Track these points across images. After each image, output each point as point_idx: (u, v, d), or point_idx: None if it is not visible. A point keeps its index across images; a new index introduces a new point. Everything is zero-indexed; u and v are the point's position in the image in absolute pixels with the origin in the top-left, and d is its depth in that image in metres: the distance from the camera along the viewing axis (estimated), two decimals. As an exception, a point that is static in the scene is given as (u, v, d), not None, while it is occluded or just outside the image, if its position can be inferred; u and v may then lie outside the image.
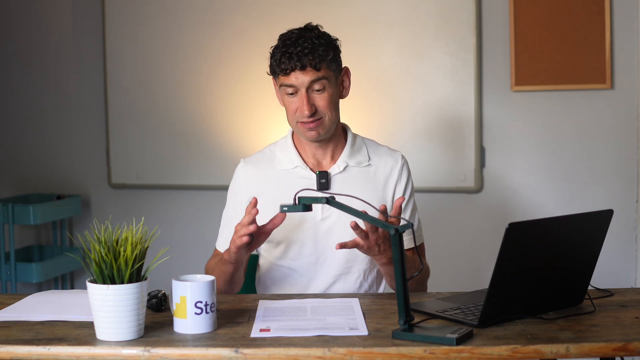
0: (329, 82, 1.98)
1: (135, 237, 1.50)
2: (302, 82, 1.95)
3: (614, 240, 3.24)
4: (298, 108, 1.97)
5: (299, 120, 1.99)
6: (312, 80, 1.95)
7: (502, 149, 3.42)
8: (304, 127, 1.99)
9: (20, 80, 3.88)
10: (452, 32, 3.38)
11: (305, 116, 1.96)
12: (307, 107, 1.95)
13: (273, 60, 1.99)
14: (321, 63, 1.95)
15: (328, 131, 2.02)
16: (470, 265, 3.45)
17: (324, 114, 1.98)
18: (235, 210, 2.08)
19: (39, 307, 1.73)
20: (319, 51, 1.95)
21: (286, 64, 1.94)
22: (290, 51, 1.94)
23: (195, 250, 3.61)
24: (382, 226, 1.60)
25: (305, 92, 1.95)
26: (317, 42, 1.96)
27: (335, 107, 2.01)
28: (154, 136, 3.69)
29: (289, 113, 2.01)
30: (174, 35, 3.64)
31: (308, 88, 1.95)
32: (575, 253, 1.67)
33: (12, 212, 3.49)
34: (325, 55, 1.96)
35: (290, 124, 2.04)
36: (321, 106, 1.97)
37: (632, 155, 3.32)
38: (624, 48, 3.27)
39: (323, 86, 1.96)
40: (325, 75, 1.96)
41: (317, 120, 1.97)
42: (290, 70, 1.94)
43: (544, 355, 1.43)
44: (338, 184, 2.05)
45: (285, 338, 1.49)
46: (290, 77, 1.95)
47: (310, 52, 1.93)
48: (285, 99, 2.01)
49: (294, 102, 1.98)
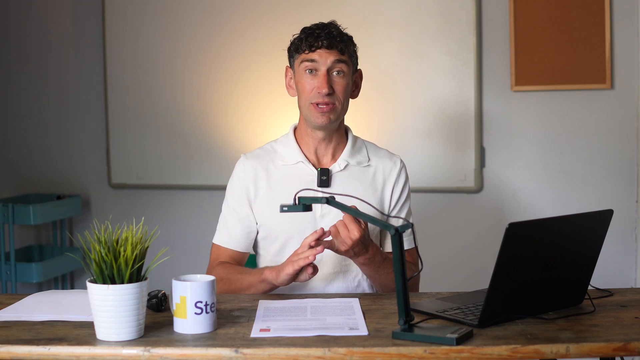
0: (349, 70, 2.02)
1: (135, 237, 1.50)
2: (325, 60, 1.98)
3: (614, 240, 3.24)
4: (315, 87, 1.99)
5: (314, 102, 2.00)
6: (335, 60, 1.98)
7: (502, 148, 3.42)
8: (317, 110, 2.00)
9: (20, 81, 3.88)
10: (452, 32, 3.38)
11: (323, 94, 1.97)
12: (326, 85, 1.97)
13: (297, 40, 2.04)
14: (346, 49, 2.01)
15: (337, 119, 2.03)
16: (470, 265, 3.45)
17: (338, 99, 2.00)
18: (234, 205, 2.08)
19: (39, 307, 1.73)
20: (345, 38, 2.02)
21: (313, 41, 1.99)
22: (318, 32, 2.00)
23: (195, 250, 3.61)
24: (382, 226, 1.60)
25: (326, 72, 1.98)
26: (344, 32, 2.04)
27: (347, 98, 2.04)
28: (154, 136, 3.69)
29: (304, 93, 2.02)
30: (174, 35, 3.64)
31: (329, 69, 1.99)
32: (575, 253, 1.67)
33: (12, 212, 3.49)
34: (350, 45, 2.03)
35: (302, 107, 2.04)
36: (338, 90, 2.00)
37: (632, 155, 3.32)
38: (624, 48, 3.27)
39: (343, 71, 2.00)
40: (347, 60, 2.01)
41: (331, 104, 1.99)
42: (317, 47, 1.99)
43: (544, 355, 1.43)
44: (338, 181, 2.05)
45: (285, 338, 1.49)
46: (315, 54, 1.99)
47: (338, 35, 2.00)
48: (303, 78, 2.02)
49: (312, 82, 2.00)
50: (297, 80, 2.05)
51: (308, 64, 2.00)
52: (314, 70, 2.00)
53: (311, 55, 1.99)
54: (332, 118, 2.01)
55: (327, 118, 2.00)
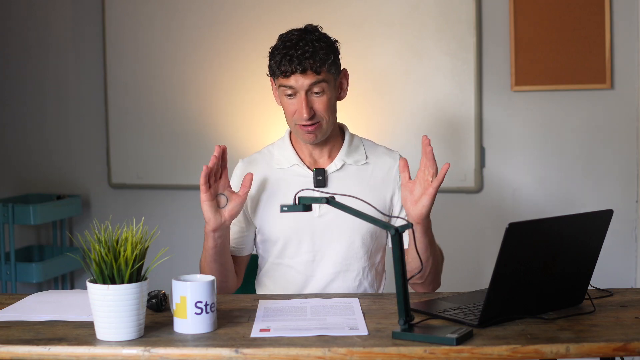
0: (328, 85, 1.97)
1: (135, 237, 1.50)
2: (301, 85, 1.94)
3: (614, 240, 3.23)
4: (297, 110, 1.97)
5: (297, 123, 1.99)
6: (312, 83, 1.94)
7: (502, 149, 3.42)
8: (302, 129, 1.99)
9: (20, 80, 3.88)
10: (452, 32, 3.38)
11: (304, 119, 1.96)
12: (306, 110, 1.94)
13: (273, 62, 1.98)
14: (322, 67, 1.94)
15: (325, 134, 2.02)
16: (470, 265, 3.45)
17: (322, 118, 1.98)
18: None
19: (39, 307, 1.73)
20: (320, 55, 1.94)
21: (286, 67, 1.93)
22: (291, 54, 1.93)
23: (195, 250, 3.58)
24: (382, 226, 1.60)
25: (305, 95, 1.95)
26: (318, 45, 1.94)
27: (332, 110, 2.01)
28: (154, 136, 3.69)
29: (287, 115, 2.01)
30: (174, 35, 3.64)
31: (307, 91, 1.95)
32: (575, 253, 1.67)
33: (12, 212, 3.49)
34: (325, 59, 1.95)
35: (289, 125, 2.05)
36: (320, 110, 1.97)
37: (632, 155, 3.32)
38: (624, 48, 3.27)
39: (322, 89, 1.96)
40: (325, 78, 1.96)
41: (315, 123, 1.97)
42: (291, 73, 1.93)
43: (544, 355, 1.43)
44: (335, 181, 2.05)
45: (285, 338, 1.49)
46: (290, 80, 1.95)
47: (311, 56, 1.93)
48: (283, 100, 2.00)
49: (293, 105, 1.98)
50: (279, 99, 2.03)
51: (286, 89, 1.97)
52: (292, 94, 1.97)
53: (287, 81, 1.95)
54: (319, 135, 2.00)
55: (313, 136, 1.99)
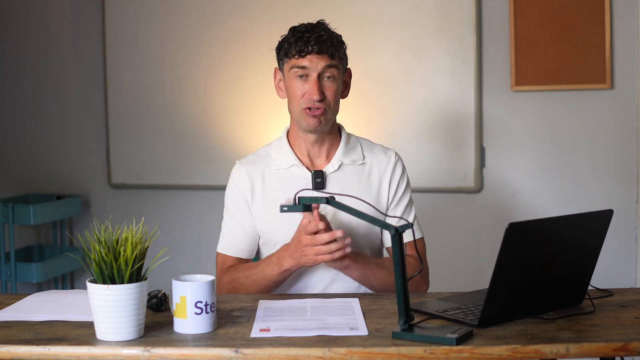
0: (339, 73, 2.00)
1: (135, 237, 1.50)
2: (315, 66, 1.96)
3: (614, 240, 3.24)
4: (306, 93, 1.97)
5: (305, 106, 1.98)
6: (326, 65, 1.96)
7: (502, 149, 3.42)
8: (308, 114, 1.98)
9: (20, 80, 3.88)
10: (452, 32, 3.38)
11: (315, 100, 1.96)
12: (318, 92, 1.96)
13: (286, 43, 1.99)
14: (337, 52, 1.98)
15: (328, 122, 2.02)
16: (470, 265, 3.45)
17: (329, 104, 1.99)
18: (234, 212, 2.08)
19: (39, 307, 1.73)
20: (335, 41, 1.99)
21: (302, 46, 1.95)
22: (307, 35, 1.96)
23: (195, 250, 3.61)
24: (381, 226, 1.60)
25: (317, 78, 1.96)
26: (333, 34, 2.01)
27: (338, 101, 2.03)
28: (154, 136, 3.69)
29: (295, 99, 2.00)
30: (173, 36, 3.64)
31: (320, 74, 1.97)
32: (575, 253, 1.67)
33: (12, 212, 3.49)
34: (340, 47, 2.00)
35: (293, 112, 2.03)
36: (329, 95, 1.98)
37: (632, 155, 3.32)
38: (624, 48, 3.27)
39: (333, 75, 1.98)
40: (337, 64, 1.99)
41: (322, 108, 1.98)
42: (307, 53, 1.96)
43: (544, 355, 1.43)
44: (333, 182, 2.04)
45: (285, 338, 1.49)
46: (305, 60, 1.96)
47: (328, 39, 1.97)
48: (292, 83, 2.00)
49: (302, 87, 1.98)
50: (287, 84, 2.03)
51: (298, 70, 1.97)
52: (304, 75, 1.98)
53: (301, 61, 1.97)
54: (323, 121, 2.00)
55: (318, 121, 1.99)
